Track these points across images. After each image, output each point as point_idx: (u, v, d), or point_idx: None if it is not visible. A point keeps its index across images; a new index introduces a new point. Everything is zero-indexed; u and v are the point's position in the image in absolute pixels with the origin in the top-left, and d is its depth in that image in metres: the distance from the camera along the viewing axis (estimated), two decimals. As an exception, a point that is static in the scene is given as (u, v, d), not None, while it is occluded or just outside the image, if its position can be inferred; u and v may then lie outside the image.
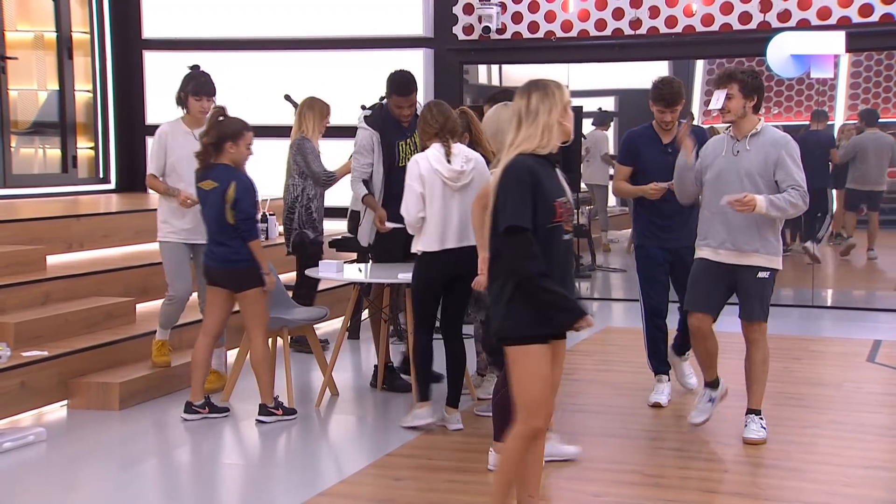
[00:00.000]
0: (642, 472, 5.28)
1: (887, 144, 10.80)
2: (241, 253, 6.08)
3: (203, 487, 5.40)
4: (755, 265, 5.57)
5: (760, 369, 5.67)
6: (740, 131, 5.59)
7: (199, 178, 6.18)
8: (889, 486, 5.09)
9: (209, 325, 6.28)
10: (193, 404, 6.23)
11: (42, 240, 7.78)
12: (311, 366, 7.46)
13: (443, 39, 10.92)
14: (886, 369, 7.67)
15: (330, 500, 4.89)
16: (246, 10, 11.26)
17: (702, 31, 10.30)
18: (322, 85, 10.45)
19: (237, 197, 6.01)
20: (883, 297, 10.85)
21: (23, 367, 6.24)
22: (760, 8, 10.12)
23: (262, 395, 6.18)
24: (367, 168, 6.79)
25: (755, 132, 5.57)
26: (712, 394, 5.85)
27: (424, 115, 6.00)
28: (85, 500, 5.11)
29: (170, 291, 6.73)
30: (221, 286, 6.19)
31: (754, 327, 5.65)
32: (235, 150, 6.09)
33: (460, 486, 5.03)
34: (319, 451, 5.97)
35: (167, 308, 6.77)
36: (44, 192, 10.40)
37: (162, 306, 6.82)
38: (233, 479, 5.48)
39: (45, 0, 10.70)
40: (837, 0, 9.92)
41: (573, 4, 10.61)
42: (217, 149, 6.09)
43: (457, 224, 5.87)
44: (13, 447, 5.70)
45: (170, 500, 5.15)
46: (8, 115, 10.11)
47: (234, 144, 6.08)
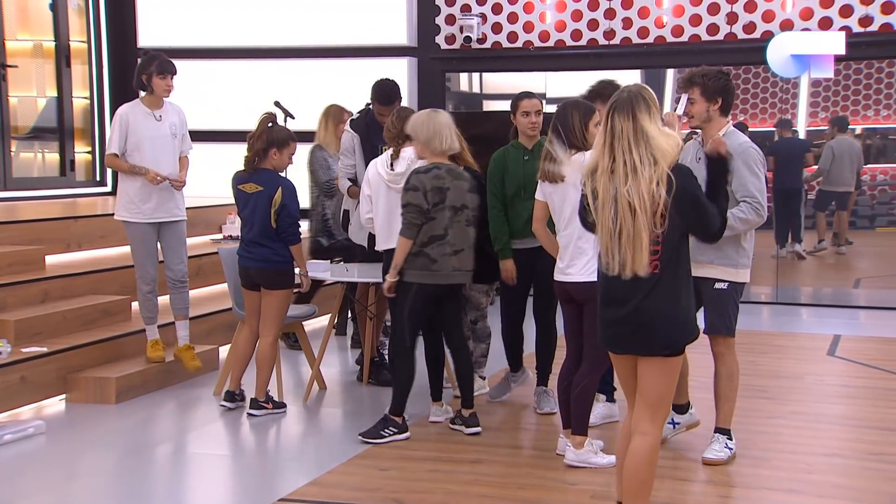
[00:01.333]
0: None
1: (856, 149, 10.90)
2: (280, 254, 6.09)
3: (196, 478, 5.41)
4: (710, 277, 5.16)
5: (726, 385, 5.23)
6: (706, 136, 5.11)
7: (240, 180, 6.17)
8: (846, 473, 5.15)
9: (255, 325, 6.24)
10: (259, 400, 6.18)
11: (41, 240, 7.76)
12: (300, 361, 7.47)
13: (426, 49, 10.95)
14: (845, 362, 7.73)
15: (319, 489, 4.90)
16: (237, 21, 11.26)
17: (672, 41, 10.37)
18: (311, 92, 10.49)
19: (284, 202, 6.01)
20: (842, 294, 10.94)
21: (23, 362, 6.24)
22: (727, 20, 10.19)
23: (256, 389, 6.18)
24: (351, 169, 6.90)
25: (705, 138, 5.08)
26: (676, 417, 5.52)
27: (387, 122, 6.10)
28: (83, 489, 5.11)
29: (141, 280, 6.68)
30: (257, 283, 6.17)
31: (718, 340, 5.23)
32: (278, 158, 6.13)
33: (443, 476, 5.05)
34: (308, 442, 5.98)
35: (146, 299, 6.72)
36: (43, 194, 10.36)
37: (140, 300, 6.76)
38: (225, 470, 5.48)
39: (44, 10, 10.68)
40: (799, 13, 10.02)
41: (550, 15, 10.65)
42: (262, 154, 6.09)
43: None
44: (14, 439, 5.70)
45: (164, 490, 5.15)
46: (8, 120, 10.08)
47: (278, 152, 6.12)
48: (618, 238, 3.84)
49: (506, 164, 6.03)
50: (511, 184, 5.99)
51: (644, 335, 3.90)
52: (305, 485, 4.96)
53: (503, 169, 6.02)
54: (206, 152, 10.16)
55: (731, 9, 10.19)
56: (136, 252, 6.75)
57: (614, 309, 3.94)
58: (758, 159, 5.16)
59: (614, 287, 3.91)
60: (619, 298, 3.91)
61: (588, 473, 5.06)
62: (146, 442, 5.89)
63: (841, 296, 10.93)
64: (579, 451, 5.12)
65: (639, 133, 3.85)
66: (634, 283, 3.85)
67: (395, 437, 5.58)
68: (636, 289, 3.86)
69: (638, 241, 3.80)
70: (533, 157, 5.80)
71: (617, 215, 3.83)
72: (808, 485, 4.93)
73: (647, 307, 3.87)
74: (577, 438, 5.14)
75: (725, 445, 5.22)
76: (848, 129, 11.05)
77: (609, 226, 3.86)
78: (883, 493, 4.85)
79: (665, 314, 3.89)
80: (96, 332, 6.97)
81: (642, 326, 3.89)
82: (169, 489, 5.17)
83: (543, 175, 5.18)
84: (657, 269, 3.85)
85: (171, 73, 6.69)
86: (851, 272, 11.31)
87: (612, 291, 3.94)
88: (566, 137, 5.04)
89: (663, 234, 3.83)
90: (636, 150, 3.83)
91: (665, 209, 3.79)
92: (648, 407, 3.97)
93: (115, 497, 4.95)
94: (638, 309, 3.87)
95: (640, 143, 3.83)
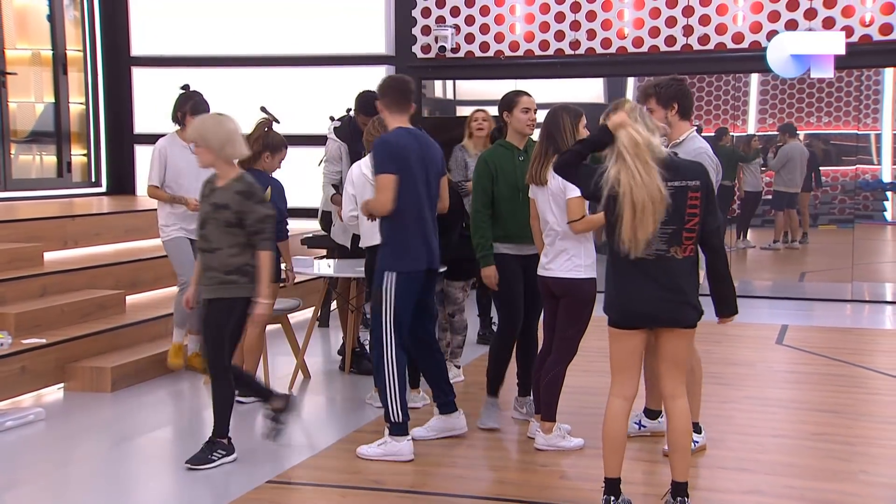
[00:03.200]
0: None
1: (805, 153, 10.99)
2: None
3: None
4: None
5: (689, 380, 4.73)
6: (670, 140, 4.97)
7: None
8: (794, 452, 5.20)
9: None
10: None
11: (40, 238, 7.71)
12: (285, 351, 7.45)
13: (403, 57, 10.94)
14: (792, 350, 7.80)
15: (304, 472, 4.91)
16: (225, 31, 11.24)
17: (633, 51, 10.42)
18: (294, 98, 10.48)
19: (272, 200, 5.95)
20: (789, 287, 11.03)
21: (23, 353, 6.20)
22: (683, 32, 10.25)
23: None
24: (337, 175, 6.93)
25: (677, 142, 4.96)
26: (644, 420, 5.34)
27: (367, 128, 6.02)
28: (80, 473, 5.08)
29: (181, 278, 6.62)
30: None
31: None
32: (269, 162, 6.12)
33: (420, 458, 5.04)
34: (293, 428, 5.96)
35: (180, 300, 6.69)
36: (41, 194, 10.32)
37: (176, 300, 6.71)
38: (215, 453, 5.46)
39: (42, 21, 10.61)
40: (749, 26, 10.09)
41: (520, 27, 10.67)
42: (256, 156, 6.05)
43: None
44: (15, 425, 5.67)
45: (157, 474, 5.13)
46: (8, 124, 10.02)
47: (271, 156, 6.11)
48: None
49: (498, 166, 5.42)
50: (506, 185, 5.39)
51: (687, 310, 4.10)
52: (291, 468, 4.97)
53: (495, 170, 5.41)
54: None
55: (686, 21, 10.25)
56: (177, 260, 6.68)
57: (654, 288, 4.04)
58: (711, 163, 4.89)
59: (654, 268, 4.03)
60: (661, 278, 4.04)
61: (557, 455, 5.08)
62: (140, 428, 5.86)
63: (787, 288, 11.03)
64: (548, 435, 5.14)
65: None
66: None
67: (224, 460, 5.01)
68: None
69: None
70: (528, 158, 5.33)
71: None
72: (758, 464, 4.98)
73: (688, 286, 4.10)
74: (546, 424, 5.15)
75: (637, 422, 5.26)
76: (796, 134, 11.13)
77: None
78: (826, 469, 4.91)
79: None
80: (93, 325, 6.93)
81: (686, 303, 4.08)
82: (161, 473, 5.15)
83: (529, 178, 5.06)
84: (692, 252, 4.08)
85: (204, 114, 6.59)
86: (797, 266, 11.41)
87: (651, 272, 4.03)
88: (557, 140, 4.93)
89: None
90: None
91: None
92: (681, 373, 4.17)
93: (110, 480, 4.93)
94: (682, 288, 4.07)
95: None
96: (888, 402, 6.29)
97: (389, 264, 5.07)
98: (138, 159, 11.57)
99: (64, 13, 10.81)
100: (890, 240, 11.55)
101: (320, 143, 7.52)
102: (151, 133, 11.43)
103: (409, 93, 5.19)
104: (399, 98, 5.14)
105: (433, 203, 5.20)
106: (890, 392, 6.52)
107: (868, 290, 10.71)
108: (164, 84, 11.95)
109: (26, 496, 4.72)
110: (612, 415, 4.13)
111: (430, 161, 5.13)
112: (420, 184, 5.05)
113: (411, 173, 5.01)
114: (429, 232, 5.14)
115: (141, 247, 8.67)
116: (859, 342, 8.27)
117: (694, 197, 4.03)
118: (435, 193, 5.20)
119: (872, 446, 5.31)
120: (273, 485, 4.72)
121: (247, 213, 4.84)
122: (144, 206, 9.54)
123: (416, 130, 5.18)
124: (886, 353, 7.85)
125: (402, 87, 5.17)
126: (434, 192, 5.19)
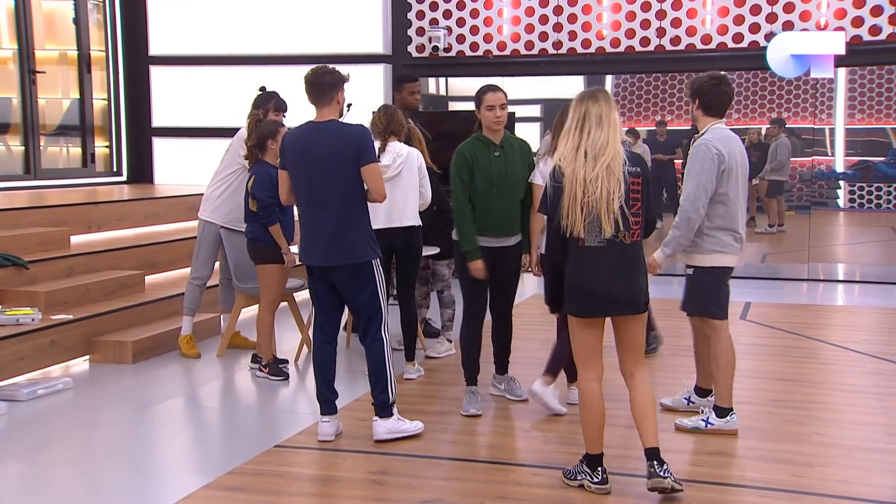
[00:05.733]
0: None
1: (789, 145, 10.99)
2: (257, 233, 5.96)
3: (201, 427, 5.40)
4: (685, 262, 4.89)
5: (713, 364, 4.84)
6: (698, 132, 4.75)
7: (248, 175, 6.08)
8: (756, 417, 5.21)
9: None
10: (259, 359, 6.13)
11: (66, 223, 7.69)
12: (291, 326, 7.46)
13: (399, 56, 10.90)
14: (755, 325, 7.83)
15: (308, 437, 4.90)
16: (234, 32, 11.18)
17: (610, 51, 10.39)
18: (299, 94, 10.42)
19: (253, 190, 5.93)
20: (752, 268, 11.06)
21: (52, 328, 6.20)
22: (657, 34, 10.23)
23: (261, 352, 6.14)
24: None
25: (696, 137, 4.74)
26: (693, 395, 5.15)
27: (374, 117, 5.81)
28: (105, 436, 5.09)
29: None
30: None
31: (692, 320, 4.94)
32: (276, 147, 5.82)
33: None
34: (299, 397, 5.97)
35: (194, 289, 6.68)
36: (67, 183, 10.29)
37: (189, 287, 6.62)
38: (228, 421, 5.48)
39: (68, 24, 10.56)
40: (716, 29, 10.07)
41: (507, 29, 10.64)
42: (261, 148, 5.97)
43: (385, 209, 5.59)
44: (45, 393, 5.69)
45: (173, 437, 5.14)
46: (37, 119, 10.00)
47: (274, 142, 5.93)
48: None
49: (475, 159, 5.07)
50: (482, 179, 5.05)
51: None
52: (297, 433, 4.97)
53: (472, 163, 5.07)
54: (207, 146, 10.10)
55: (659, 24, 10.22)
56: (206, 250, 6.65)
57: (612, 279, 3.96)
58: (702, 157, 4.64)
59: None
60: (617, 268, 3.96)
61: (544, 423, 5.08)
62: (159, 397, 5.87)
63: (751, 269, 11.06)
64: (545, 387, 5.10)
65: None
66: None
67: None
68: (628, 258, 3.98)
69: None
70: (504, 154, 5.08)
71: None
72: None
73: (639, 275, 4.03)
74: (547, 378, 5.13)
75: (704, 419, 4.84)
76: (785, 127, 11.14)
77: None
78: (784, 432, 4.94)
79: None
80: (115, 302, 6.93)
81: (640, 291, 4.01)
82: (178, 438, 5.17)
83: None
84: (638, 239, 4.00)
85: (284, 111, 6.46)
86: (760, 249, 11.44)
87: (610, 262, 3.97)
88: (558, 136, 4.52)
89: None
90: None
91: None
92: (640, 353, 4.10)
93: (132, 442, 4.94)
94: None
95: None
96: (839, 371, 6.32)
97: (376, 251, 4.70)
98: (156, 151, 11.56)
99: (88, 16, 10.75)
100: (842, 224, 11.60)
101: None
102: (168, 126, 11.46)
103: (319, 86, 4.71)
104: (312, 92, 4.73)
105: (319, 196, 4.59)
106: (841, 362, 6.55)
107: (822, 270, 10.75)
108: (179, 81, 11.97)
109: (57, 455, 4.75)
110: (592, 397, 4.06)
111: (315, 156, 4.58)
112: (300, 178, 4.62)
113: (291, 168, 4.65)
114: (308, 226, 4.63)
115: (159, 231, 8.66)
116: (814, 317, 8.30)
117: (636, 183, 3.96)
118: (322, 187, 4.57)
119: (824, 411, 5.34)
120: (280, 448, 4.73)
121: None
122: (162, 194, 9.52)
123: (321, 124, 4.65)
124: (838, 328, 7.89)
125: (313, 81, 4.76)
126: (317, 185, 4.58)
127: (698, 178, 4.64)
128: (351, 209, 4.58)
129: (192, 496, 4.08)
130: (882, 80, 11.46)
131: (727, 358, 4.79)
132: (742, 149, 4.78)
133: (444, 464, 4.49)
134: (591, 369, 4.08)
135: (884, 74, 11.28)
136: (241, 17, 11.21)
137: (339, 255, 4.59)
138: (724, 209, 4.71)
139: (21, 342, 5.95)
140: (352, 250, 4.59)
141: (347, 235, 4.58)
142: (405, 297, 5.90)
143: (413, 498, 4.03)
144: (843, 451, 4.64)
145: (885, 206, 11.42)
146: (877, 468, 4.43)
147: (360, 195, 4.63)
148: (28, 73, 9.85)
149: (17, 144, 9.98)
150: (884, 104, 10.99)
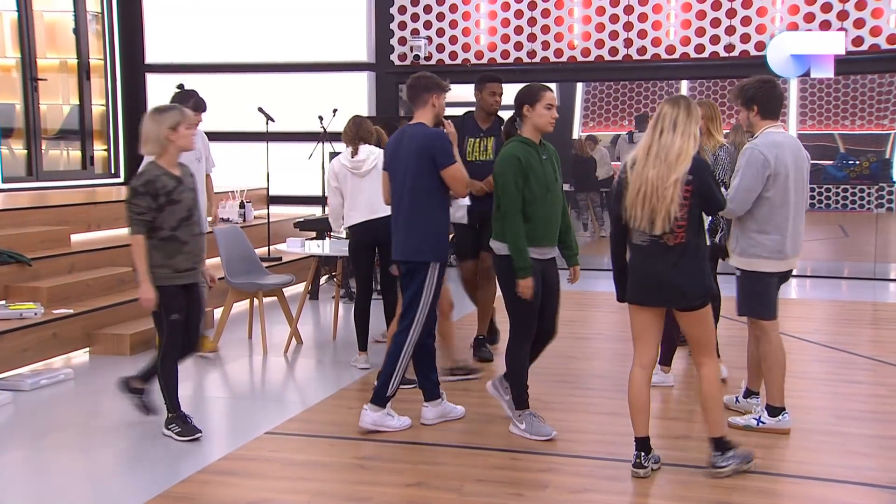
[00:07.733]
0: (538, 398, 5.32)
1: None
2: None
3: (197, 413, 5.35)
4: (734, 265, 4.72)
5: (763, 365, 4.66)
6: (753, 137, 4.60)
7: None
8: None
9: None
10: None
11: (67, 222, 7.63)
12: (280, 320, 7.44)
13: (382, 64, 10.90)
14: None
15: (297, 424, 4.91)
16: (227, 41, 11.14)
17: (581, 60, 10.42)
18: (287, 100, 10.41)
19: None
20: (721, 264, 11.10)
21: (54, 321, 6.16)
22: (624, 44, 10.26)
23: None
24: None
25: (750, 139, 4.62)
26: (743, 400, 4.98)
27: (345, 127, 6.00)
28: (105, 423, 5.05)
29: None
30: None
31: (748, 322, 4.74)
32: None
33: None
34: (288, 386, 5.97)
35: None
36: (68, 184, 10.21)
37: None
38: (221, 408, 5.47)
39: (69, 33, 10.47)
40: (679, 40, 10.12)
41: (483, 39, 10.65)
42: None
43: (364, 202, 5.77)
44: (48, 383, 5.67)
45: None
46: (39, 124, 9.91)
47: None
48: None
49: (529, 164, 4.38)
50: (538, 185, 4.39)
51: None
52: (287, 420, 4.97)
53: (527, 168, 4.37)
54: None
55: (627, 35, 10.26)
56: None
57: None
58: (747, 161, 4.46)
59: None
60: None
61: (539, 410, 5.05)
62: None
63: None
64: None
65: None
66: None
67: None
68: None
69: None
70: (549, 158, 4.53)
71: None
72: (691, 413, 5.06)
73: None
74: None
75: (756, 417, 4.68)
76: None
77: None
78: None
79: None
80: (114, 297, 6.89)
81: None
82: (176, 424, 5.12)
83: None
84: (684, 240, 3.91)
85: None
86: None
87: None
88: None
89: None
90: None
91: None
92: (703, 346, 4.04)
93: (130, 430, 4.91)
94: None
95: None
96: (794, 360, 6.34)
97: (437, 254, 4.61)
98: (153, 154, 11.48)
99: (87, 26, 10.66)
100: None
101: (311, 140, 7.47)
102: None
103: (412, 88, 4.69)
104: (407, 94, 4.75)
105: (397, 196, 4.67)
106: (796, 351, 6.60)
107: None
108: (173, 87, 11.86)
109: (60, 440, 4.72)
110: (633, 381, 4.02)
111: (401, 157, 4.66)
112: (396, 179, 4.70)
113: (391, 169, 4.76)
114: (393, 223, 4.70)
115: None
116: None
117: (686, 190, 3.85)
118: (406, 186, 4.62)
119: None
120: (271, 435, 4.72)
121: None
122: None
123: (408, 127, 4.71)
124: (792, 319, 7.95)
125: (409, 84, 4.73)
126: (403, 184, 4.64)
127: (741, 180, 4.48)
128: (418, 210, 4.58)
129: (188, 480, 4.07)
130: (831, 90, 11.58)
131: (775, 357, 4.60)
132: (797, 153, 4.54)
133: (427, 449, 4.50)
134: (638, 354, 4.07)
135: (832, 84, 11.39)
136: (231, 27, 11.17)
137: (398, 251, 4.68)
138: (768, 212, 4.49)
139: (25, 335, 5.91)
140: (408, 249, 4.61)
141: (410, 233, 4.60)
142: (388, 289, 5.89)
143: (398, 482, 4.04)
144: (797, 434, 4.68)
145: (834, 206, 11.54)
146: (826, 449, 4.48)
147: (428, 197, 4.58)
148: (30, 81, 9.76)
149: (21, 148, 9.89)
150: (832, 112, 11.09)
